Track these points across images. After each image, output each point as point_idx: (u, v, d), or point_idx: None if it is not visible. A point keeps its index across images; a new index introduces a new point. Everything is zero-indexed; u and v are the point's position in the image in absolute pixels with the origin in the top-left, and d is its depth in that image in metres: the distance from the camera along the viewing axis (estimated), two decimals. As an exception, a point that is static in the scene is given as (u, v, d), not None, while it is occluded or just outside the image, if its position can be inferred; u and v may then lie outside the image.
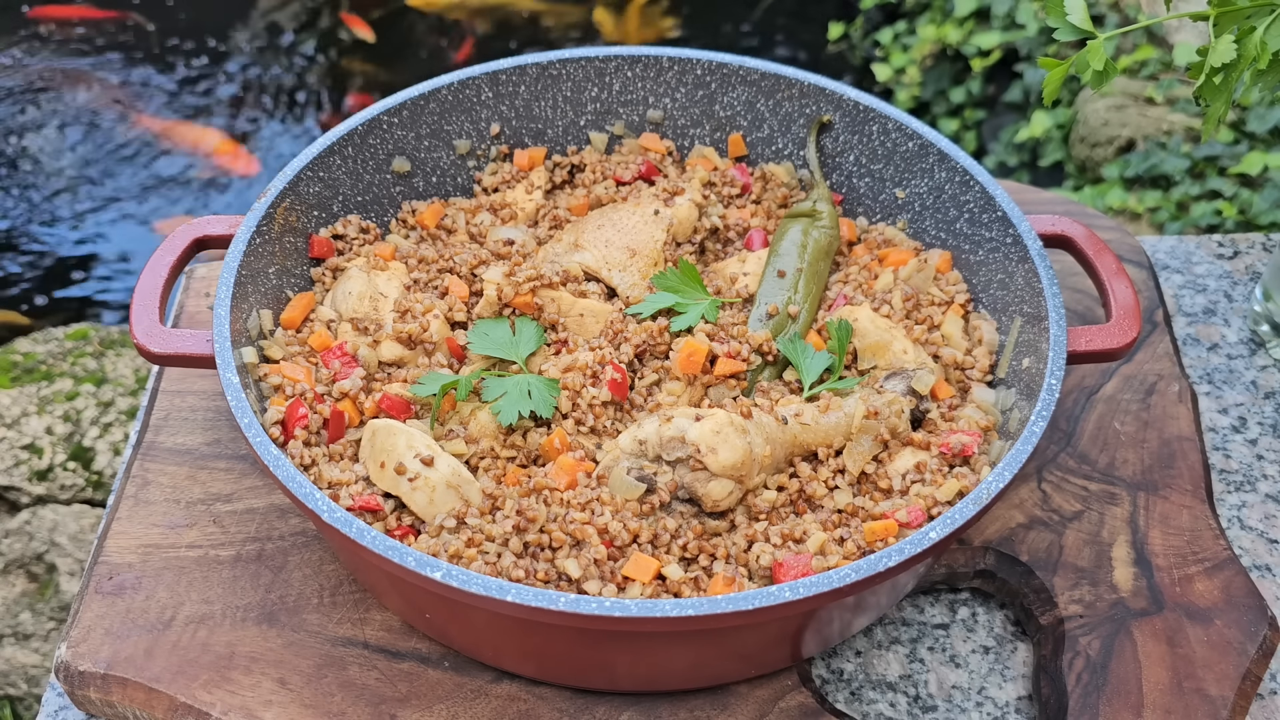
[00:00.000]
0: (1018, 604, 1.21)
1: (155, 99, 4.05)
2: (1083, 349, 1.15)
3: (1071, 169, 3.27)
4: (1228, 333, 1.50)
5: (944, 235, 1.34)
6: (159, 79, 4.16)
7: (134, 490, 1.26)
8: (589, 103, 1.45)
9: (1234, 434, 1.39)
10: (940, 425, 1.16)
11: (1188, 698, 1.10)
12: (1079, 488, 1.27)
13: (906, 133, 1.34)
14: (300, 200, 1.28)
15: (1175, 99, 3.14)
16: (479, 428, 1.14)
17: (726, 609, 0.91)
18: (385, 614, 1.16)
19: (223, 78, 4.14)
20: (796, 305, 1.26)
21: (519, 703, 1.10)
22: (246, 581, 1.18)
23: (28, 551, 2.45)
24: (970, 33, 3.76)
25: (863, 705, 1.16)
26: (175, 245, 1.23)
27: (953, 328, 1.25)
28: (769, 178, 1.44)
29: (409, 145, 1.39)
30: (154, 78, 4.16)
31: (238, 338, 1.14)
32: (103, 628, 1.14)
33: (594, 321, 1.23)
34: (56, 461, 2.55)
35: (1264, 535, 1.29)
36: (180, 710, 1.09)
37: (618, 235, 1.30)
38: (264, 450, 1.02)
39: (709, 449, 1.05)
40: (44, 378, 2.67)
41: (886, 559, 0.95)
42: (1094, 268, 1.23)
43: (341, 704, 1.09)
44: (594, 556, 1.02)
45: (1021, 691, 1.17)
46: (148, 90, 4.09)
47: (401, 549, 0.94)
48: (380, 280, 1.25)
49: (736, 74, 1.42)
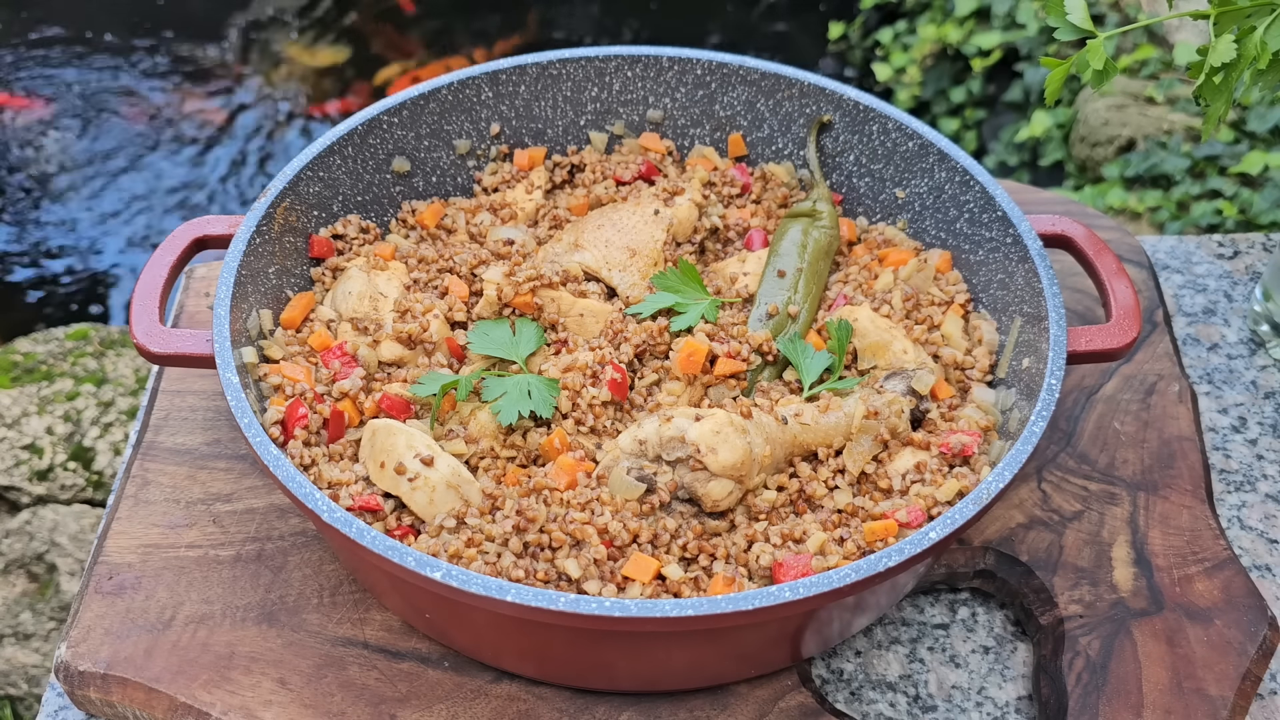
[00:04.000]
0: (1018, 604, 1.21)
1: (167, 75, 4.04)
2: (1083, 349, 1.15)
3: (1072, 168, 3.27)
4: (1228, 333, 1.50)
5: (944, 235, 1.34)
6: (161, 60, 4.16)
7: (134, 490, 1.26)
8: (589, 102, 1.45)
9: (1234, 434, 1.39)
10: (940, 425, 1.16)
11: (1188, 698, 1.10)
12: (1079, 488, 1.27)
13: (906, 132, 1.34)
14: (300, 200, 1.28)
15: (1175, 98, 3.14)
16: (479, 428, 1.14)
17: (726, 609, 0.91)
18: (385, 614, 1.16)
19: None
20: (796, 305, 1.26)
21: (519, 703, 1.10)
22: (246, 581, 1.18)
23: (28, 551, 2.45)
24: (970, 32, 3.76)
25: (863, 705, 1.16)
26: (175, 245, 1.23)
27: (953, 328, 1.25)
28: (769, 178, 1.44)
29: (409, 145, 1.39)
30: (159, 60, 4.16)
31: (238, 338, 1.14)
32: (103, 628, 1.14)
33: (594, 321, 1.23)
34: (57, 461, 2.55)
35: (1264, 535, 1.29)
36: (180, 710, 1.09)
37: (618, 235, 1.30)
38: (264, 450, 1.02)
39: (709, 449, 1.05)
40: (44, 378, 2.67)
41: (886, 559, 0.94)
42: (1094, 268, 1.23)
43: (341, 704, 1.09)
44: (594, 556, 1.02)
45: (1021, 691, 1.17)
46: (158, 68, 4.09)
47: (401, 549, 0.94)
48: (380, 280, 1.25)
49: (736, 74, 1.42)
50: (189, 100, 4.15)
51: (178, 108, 4.12)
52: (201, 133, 4.04)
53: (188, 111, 4.11)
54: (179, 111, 4.11)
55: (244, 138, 4.03)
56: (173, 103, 4.14)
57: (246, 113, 4.12)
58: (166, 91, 4.18)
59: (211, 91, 4.19)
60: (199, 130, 4.05)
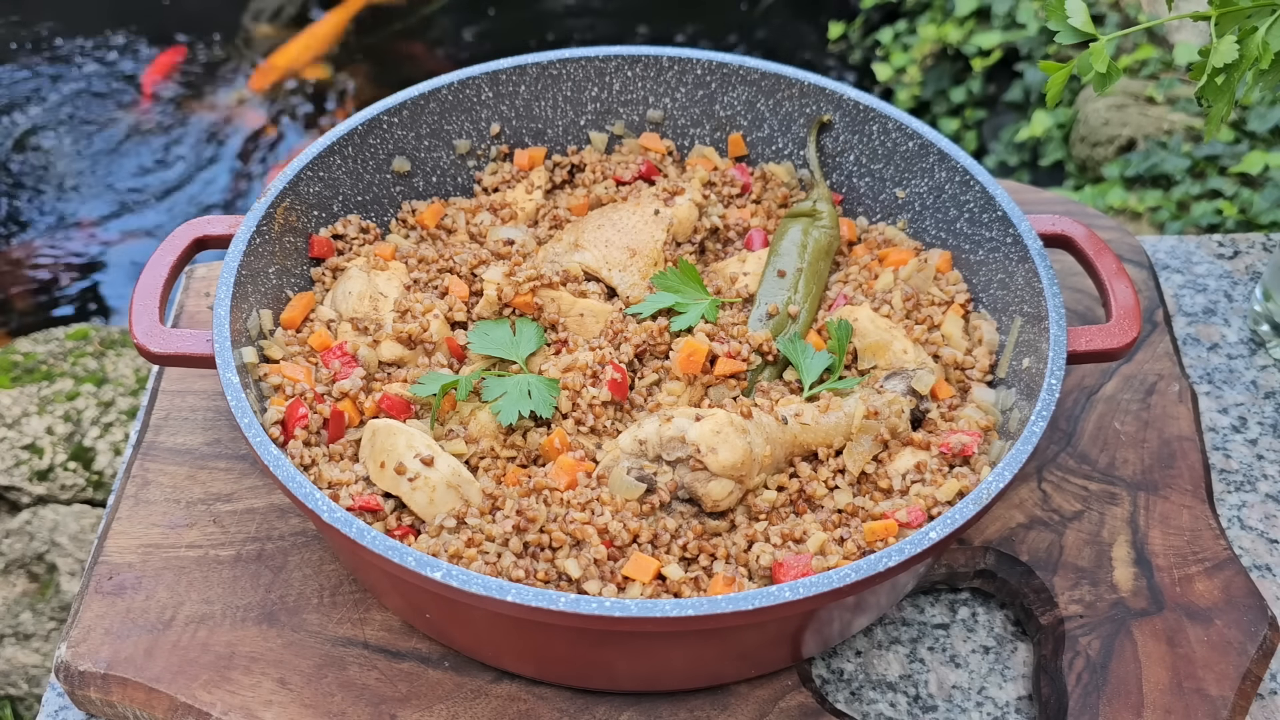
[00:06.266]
0: (1018, 604, 1.21)
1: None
2: (1083, 349, 1.15)
3: (1072, 168, 3.27)
4: (1228, 333, 1.50)
5: (944, 235, 1.34)
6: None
7: (134, 490, 1.26)
8: (589, 102, 1.45)
9: (1234, 434, 1.39)
10: (940, 425, 1.16)
11: (1188, 698, 1.10)
12: (1079, 488, 1.27)
13: (906, 132, 1.34)
14: (300, 200, 1.28)
15: (1176, 98, 3.14)
16: (479, 428, 1.14)
17: (726, 609, 0.91)
18: (385, 614, 1.16)
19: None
20: (796, 305, 1.26)
21: (519, 703, 1.10)
22: (246, 581, 1.18)
23: (28, 551, 2.45)
24: (970, 32, 3.76)
25: (863, 705, 1.16)
26: (175, 245, 1.23)
27: (953, 328, 1.25)
28: (769, 177, 1.44)
29: (409, 145, 1.39)
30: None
31: (238, 338, 1.14)
32: (103, 628, 1.14)
33: (594, 321, 1.23)
34: (57, 461, 2.55)
35: (1264, 535, 1.29)
36: (180, 710, 1.09)
37: (618, 235, 1.30)
38: (264, 450, 1.02)
39: (709, 449, 1.05)
40: (44, 378, 2.67)
41: (886, 559, 0.94)
42: (1094, 268, 1.23)
43: (341, 704, 1.09)
44: (594, 556, 1.02)
45: (1021, 691, 1.17)
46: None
47: (401, 549, 0.94)
48: (380, 280, 1.25)
49: (736, 74, 1.42)
50: (190, 99, 4.15)
51: (179, 107, 4.12)
52: (202, 132, 4.04)
53: (188, 110, 4.11)
54: (180, 111, 4.11)
55: (245, 137, 4.03)
56: (174, 102, 4.14)
57: (247, 112, 4.12)
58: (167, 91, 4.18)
59: (212, 91, 4.19)
60: (200, 130, 4.05)
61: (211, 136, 4.03)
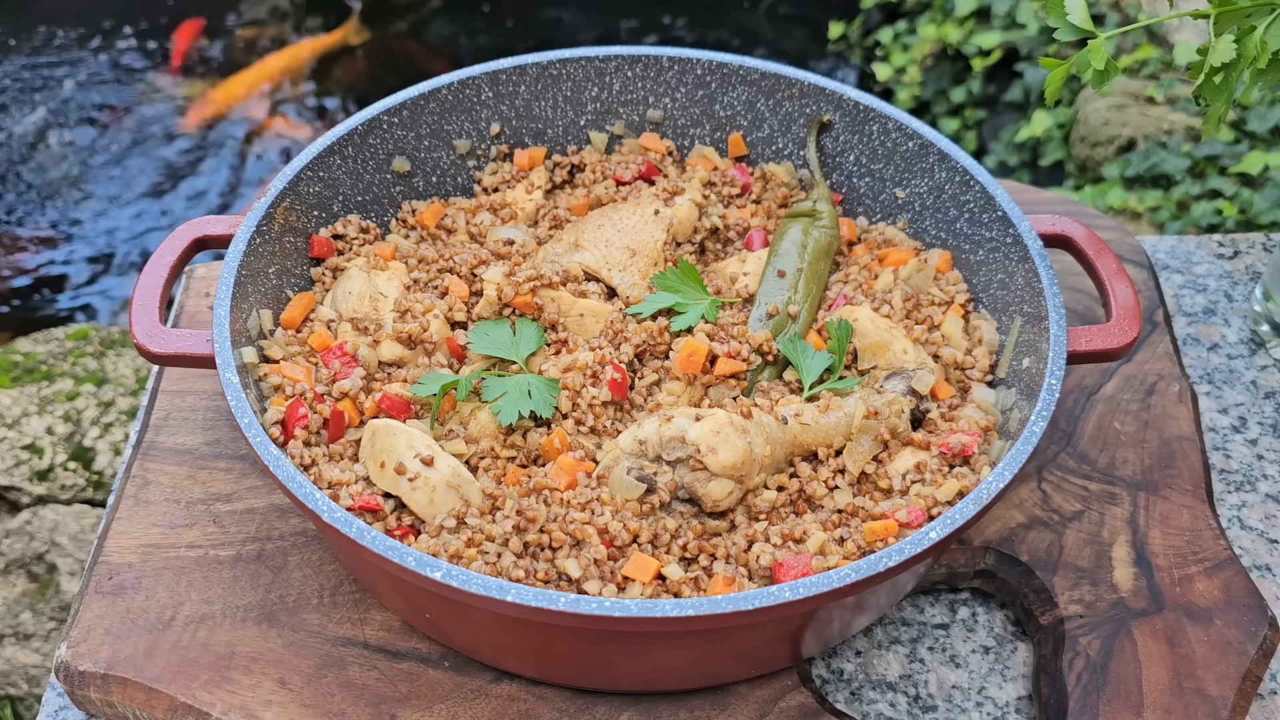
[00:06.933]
0: (1018, 604, 1.21)
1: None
2: (1083, 349, 1.15)
3: (1072, 168, 3.27)
4: (1228, 333, 1.50)
5: (944, 235, 1.34)
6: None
7: (134, 490, 1.26)
8: (589, 102, 1.45)
9: (1234, 434, 1.39)
10: (940, 425, 1.16)
11: (1188, 698, 1.10)
12: (1079, 488, 1.27)
13: (906, 132, 1.34)
14: (300, 200, 1.28)
15: (1176, 98, 3.14)
16: (479, 428, 1.14)
17: (726, 609, 0.91)
18: (385, 614, 1.16)
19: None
20: (796, 305, 1.26)
21: (519, 703, 1.10)
22: (246, 581, 1.18)
23: (28, 551, 2.45)
24: (970, 32, 3.76)
25: (863, 705, 1.16)
26: (175, 245, 1.23)
27: (953, 328, 1.25)
28: (769, 177, 1.44)
29: (409, 145, 1.39)
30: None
31: (238, 338, 1.14)
32: (103, 628, 1.14)
33: (594, 321, 1.23)
34: (57, 461, 2.55)
35: (1264, 535, 1.29)
36: (180, 710, 1.09)
37: (618, 235, 1.30)
38: (264, 450, 1.02)
39: (709, 449, 1.05)
40: (44, 378, 2.67)
41: (886, 559, 0.94)
42: (1094, 268, 1.23)
43: (341, 704, 1.09)
44: (594, 556, 1.02)
45: (1021, 691, 1.17)
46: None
47: (401, 549, 0.94)
48: (380, 280, 1.25)
49: (736, 74, 1.42)
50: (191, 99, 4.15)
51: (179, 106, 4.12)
52: (202, 132, 4.04)
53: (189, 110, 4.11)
54: (180, 110, 4.11)
55: (244, 137, 4.03)
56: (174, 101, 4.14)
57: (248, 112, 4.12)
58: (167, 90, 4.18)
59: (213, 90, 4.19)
60: (200, 129, 4.05)
61: (212, 136, 4.03)
